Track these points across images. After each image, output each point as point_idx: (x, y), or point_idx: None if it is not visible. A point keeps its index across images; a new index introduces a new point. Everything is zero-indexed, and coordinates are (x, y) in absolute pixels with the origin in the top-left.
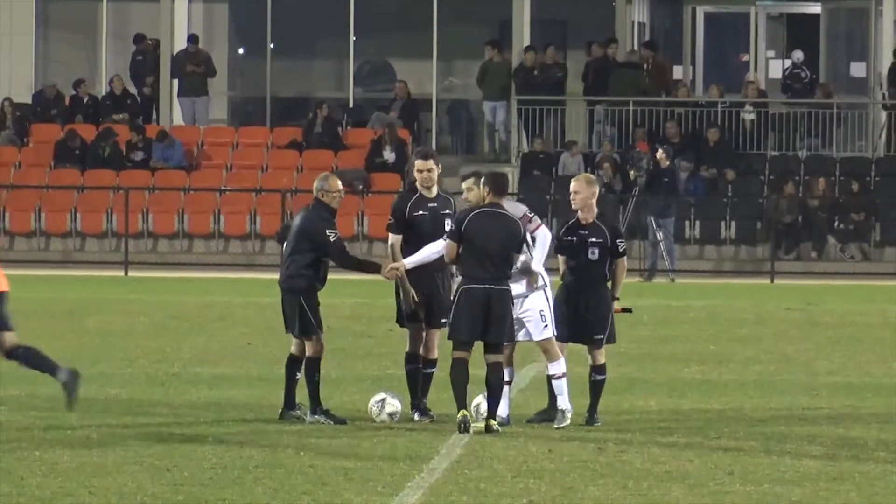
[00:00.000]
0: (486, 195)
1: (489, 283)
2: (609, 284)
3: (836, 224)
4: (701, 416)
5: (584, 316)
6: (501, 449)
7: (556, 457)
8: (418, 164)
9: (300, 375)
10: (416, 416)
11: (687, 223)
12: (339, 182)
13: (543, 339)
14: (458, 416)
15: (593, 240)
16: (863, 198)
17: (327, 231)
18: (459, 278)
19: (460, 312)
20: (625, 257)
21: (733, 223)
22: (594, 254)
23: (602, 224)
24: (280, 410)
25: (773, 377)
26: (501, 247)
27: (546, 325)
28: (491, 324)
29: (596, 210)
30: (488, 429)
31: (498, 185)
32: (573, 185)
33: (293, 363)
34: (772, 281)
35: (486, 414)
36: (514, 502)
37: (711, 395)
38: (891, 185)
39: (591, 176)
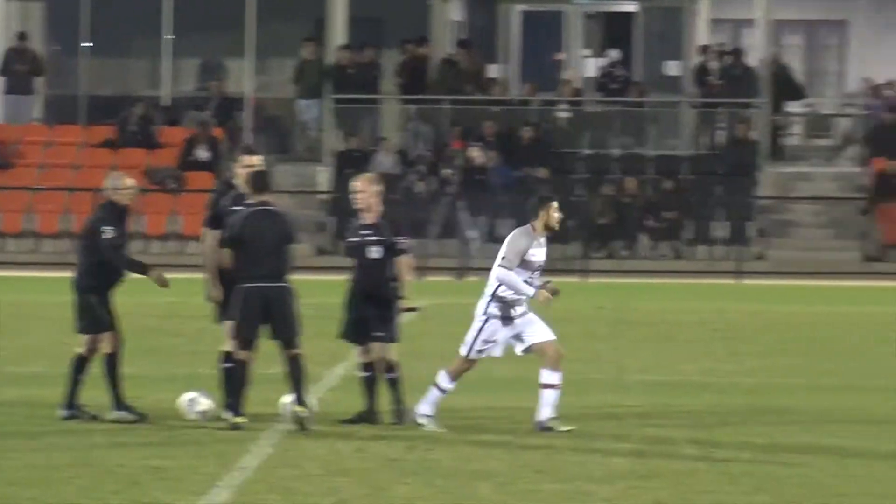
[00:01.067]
0: (251, 194)
1: (266, 280)
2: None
3: (648, 222)
4: (511, 415)
5: (364, 315)
6: (311, 448)
7: (366, 455)
8: (245, 159)
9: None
10: (228, 415)
11: (499, 221)
12: (130, 180)
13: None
14: (238, 419)
15: (374, 238)
16: (675, 196)
17: (102, 228)
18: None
19: (240, 313)
20: (407, 255)
21: None
22: (376, 252)
23: (384, 223)
24: (59, 412)
25: (583, 375)
26: (274, 244)
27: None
28: (276, 321)
29: (381, 209)
30: (298, 418)
31: (257, 182)
32: (356, 185)
33: (79, 363)
34: (584, 279)
35: (298, 412)
36: (322, 501)
37: (522, 394)
38: (702, 183)
39: (373, 175)
